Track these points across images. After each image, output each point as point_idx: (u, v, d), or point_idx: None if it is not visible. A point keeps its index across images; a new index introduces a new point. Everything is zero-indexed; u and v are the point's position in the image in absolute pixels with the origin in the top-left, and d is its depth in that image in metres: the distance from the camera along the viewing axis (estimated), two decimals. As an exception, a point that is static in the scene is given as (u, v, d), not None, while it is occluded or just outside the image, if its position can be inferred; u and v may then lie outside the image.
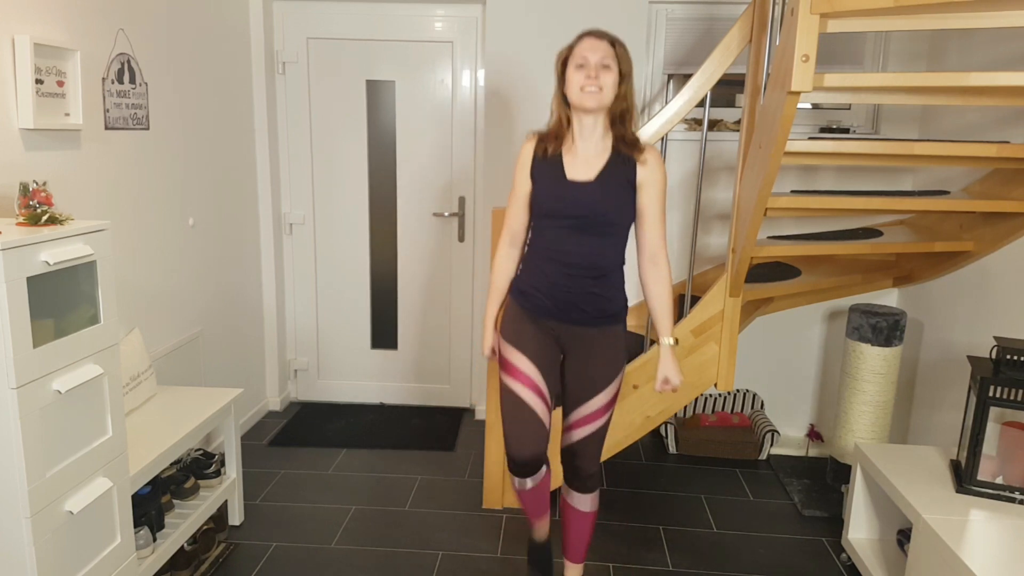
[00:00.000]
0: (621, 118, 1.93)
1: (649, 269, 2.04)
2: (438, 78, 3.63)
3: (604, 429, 2.10)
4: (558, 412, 2.21)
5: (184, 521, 2.34)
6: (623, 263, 2.05)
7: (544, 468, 2.16)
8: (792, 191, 2.99)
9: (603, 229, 1.95)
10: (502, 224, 2.14)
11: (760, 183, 2.22)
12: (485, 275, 3.54)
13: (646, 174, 1.95)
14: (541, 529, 2.32)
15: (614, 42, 1.91)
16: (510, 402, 2.05)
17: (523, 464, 2.08)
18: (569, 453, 2.13)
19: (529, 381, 2.03)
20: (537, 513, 2.27)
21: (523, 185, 2.03)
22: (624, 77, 1.90)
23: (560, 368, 2.11)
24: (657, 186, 1.96)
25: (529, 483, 2.14)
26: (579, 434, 2.08)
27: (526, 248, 2.10)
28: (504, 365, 2.08)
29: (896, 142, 2.36)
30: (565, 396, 2.12)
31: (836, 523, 2.87)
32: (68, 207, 2.25)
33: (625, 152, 1.94)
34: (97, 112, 2.38)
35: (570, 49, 1.93)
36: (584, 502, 2.18)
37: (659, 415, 2.79)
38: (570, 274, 1.97)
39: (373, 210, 3.80)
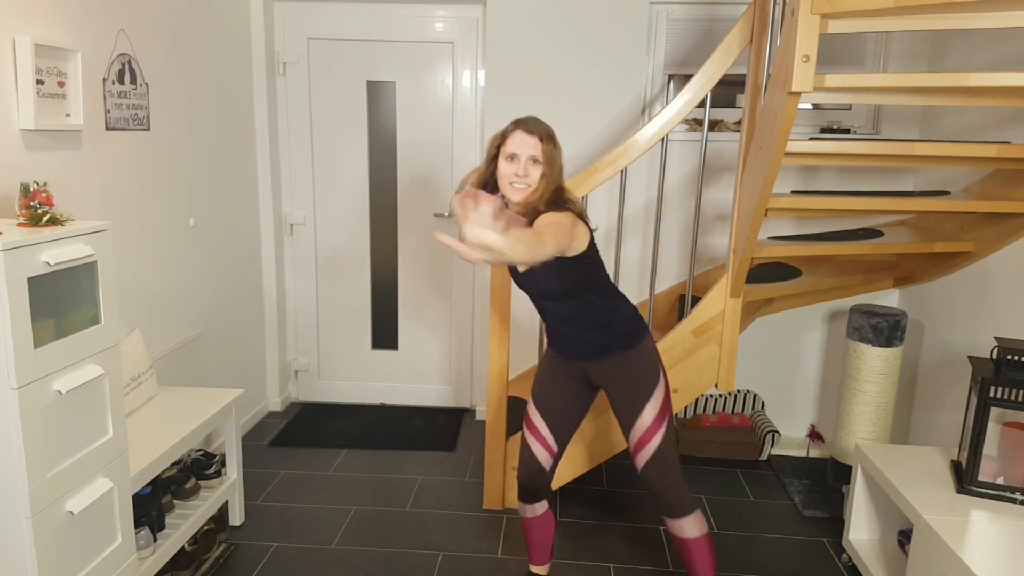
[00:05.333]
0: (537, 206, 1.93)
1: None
2: (439, 78, 3.63)
3: (664, 448, 2.07)
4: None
5: (185, 522, 2.34)
6: (608, 300, 2.06)
7: (542, 504, 2.28)
8: (793, 191, 2.99)
9: (570, 298, 2.01)
10: None
11: (761, 183, 2.22)
12: (486, 275, 3.54)
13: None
14: (537, 568, 2.41)
15: (543, 138, 1.92)
16: (524, 442, 2.23)
17: (522, 486, 2.24)
18: (645, 483, 2.12)
19: (542, 439, 2.20)
20: (534, 552, 2.38)
21: None
22: (547, 176, 1.91)
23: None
24: (543, 222, 1.86)
25: (528, 511, 2.29)
26: (642, 458, 2.07)
27: None
28: (526, 418, 2.23)
29: (897, 142, 2.36)
30: (621, 424, 2.13)
31: (837, 523, 2.87)
32: (69, 208, 2.25)
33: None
34: (98, 112, 2.39)
35: (503, 137, 1.96)
36: (683, 528, 2.12)
37: (660, 415, 2.79)
38: (567, 330, 2.09)
39: (374, 211, 3.80)
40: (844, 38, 3.30)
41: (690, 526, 2.12)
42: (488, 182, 2.01)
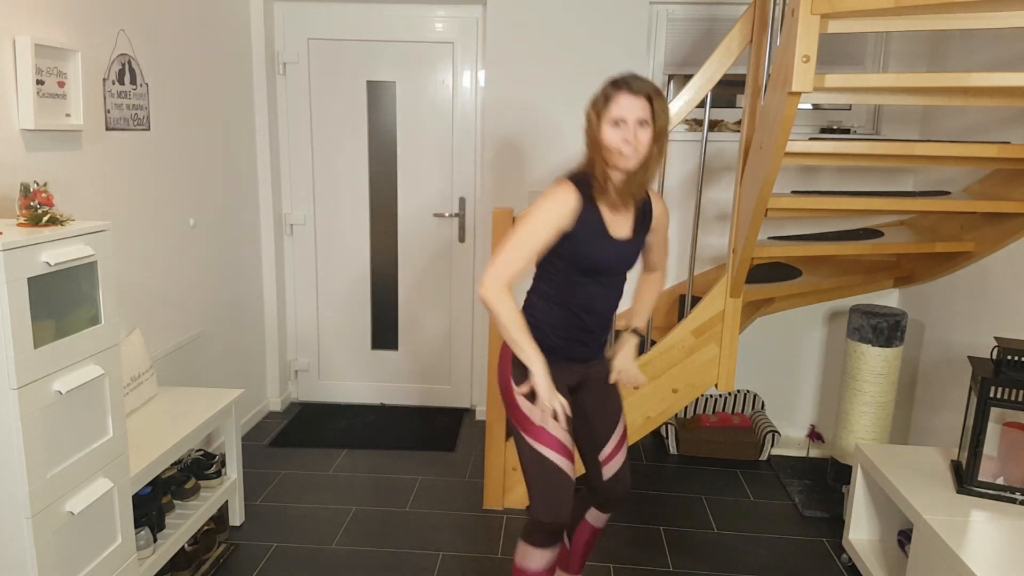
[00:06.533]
0: (647, 170, 1.82)
1: (647, 275, 2.14)
2: (439, 79, 3.63)
3: (627, 451, 2.10)
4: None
5: (185, 522, 2.34)
6: None
7: (554, 548, 1.99)
8: (793, 191, 2.99)
9: (622, 279, 1.97)
10: (503, 225, 2.12)
11: (761, 183, 2.22)
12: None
13: (659, 217, 1.98)
14: None
15: (651, 96, 1.76)
16: (543, 467, 1.87)
17: (556, 528, 1.91)
18: (608, 487, 2.05)
19: (561, 447, 1.89)
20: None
21: (551, 235, 1.80)
22: (660, 134, 1.78)
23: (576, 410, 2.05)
24: (666, 225, 2.03)
25: (549, 555, 1.97)
26: (613, 467, 2.03)
27: (543, 300, 1.93)
28: (531, 431, 1.89)
29: (897, 143, 2.36)
30: (592, 435, 2.02)
31: (837, 524, 2.87)
32: (69, 208, 2.25)
33: (641, 200, 1.91)
34: (98, 113, 2.39)
35: (606, 99, 1.78)
36: (604, 519, 2.15)
37: (659, 416, 2.79)
38: (597, 322, 1.94)
39: (374, 211, 3.80)
40: (844, 38, 3.30)
41: (604, 518, 2.15)
42: (602, 169, 1.81)
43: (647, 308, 2.14)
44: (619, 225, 1.89)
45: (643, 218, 1.93)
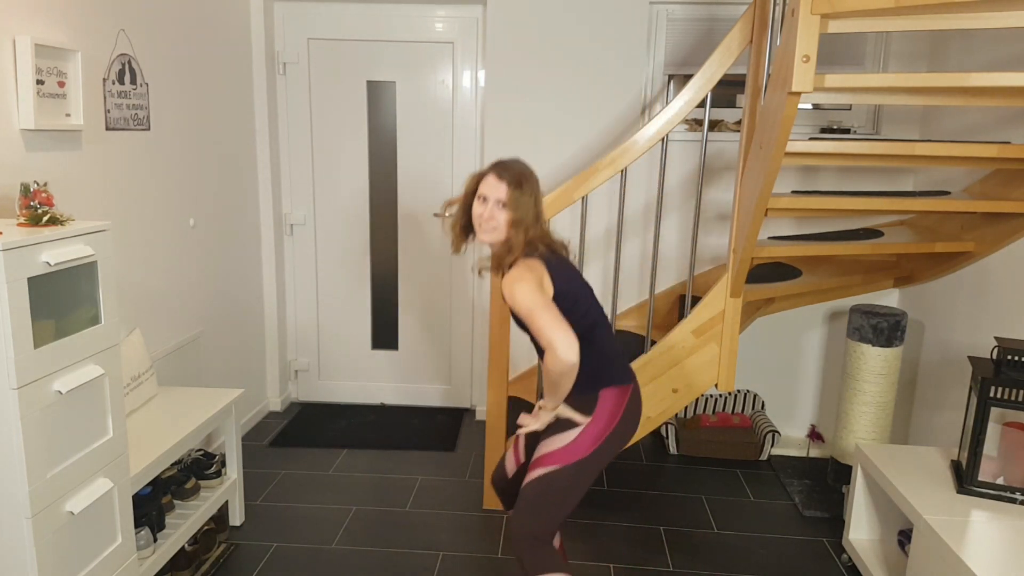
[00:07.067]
0: (508, 250, 1.90)
1: None
2: (439, 79, 3.63)
3: (546, 485, 1.88)
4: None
5: (185, 522, 2.34)
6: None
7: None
8: (793, 191, 2.99)
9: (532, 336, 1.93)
10: None
11: (761, 183, 2.22)
12: (485, 276, 3.54)
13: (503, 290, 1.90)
14: None
15: (511, 184, 1.87)
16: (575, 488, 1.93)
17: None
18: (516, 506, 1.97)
19: (516, 447, 2.16)
20: None
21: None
22: (514, 222, 1.86)
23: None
24: (512, 301, 1.84)
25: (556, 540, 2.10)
26: (528, 476, 1.93)
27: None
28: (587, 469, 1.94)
29: (897, 142, 2.36)
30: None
31: (837, 524, 2.87)
32: (69, 208, 2.25)
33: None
34: (98, 113, 2.39)
35: (479, 177, 1.95)
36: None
37: (659, 416, 2.79)
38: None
39: (374, 211, 3.80)
40: (844, 38, 3.30)
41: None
42: (466, 216, 2.00)
43: (546, 387, 1.89)
44: None
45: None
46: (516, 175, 1.91)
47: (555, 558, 1.92)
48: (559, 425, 1.93)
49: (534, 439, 2.10)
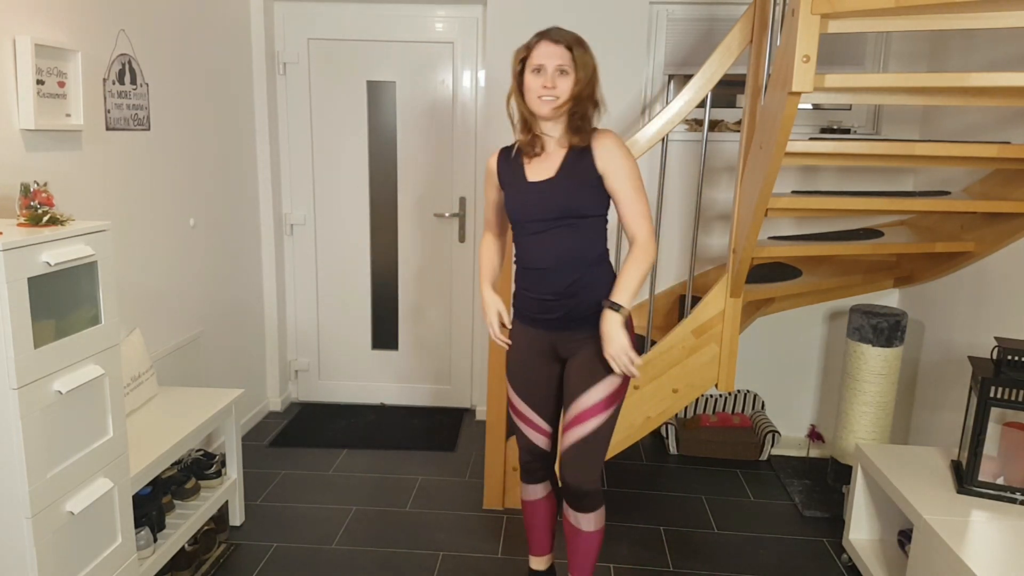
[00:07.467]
0: (581, 116, 1.89)
1: (631, 249, 1.96)
2: (439, 79, 3.63)
3: (598, 437, 1.95)
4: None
5: (185, 522, 2.34)
6: (604, 256, 2.00)
7: (545, 486, 2.24)
8: (793, 191, 2.99)
9: (573, 223, 1.92)
10: None
11: (761, 183, 2.22)
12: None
13: (603, 153, 1.89)
14: (537, 561, 2.35)
15: (572, 45, 1.85)
16: (518, 429, 2.18)
17: (524, 465, 2.21)
18: (562, 464, 2.02)
19: (532, 423, 2.14)
20: (534, 540, 2.33)
21: (493, 194, 2.11)
22: (580, 82, 1.85)
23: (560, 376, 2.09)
24: (618, 167, 1.89)
25: (530, 493, 2.25)
26: (573, 436, 1.96)
27: (516, 262, 2.05)
28: (509, 400, 2.17)
29: (897, 143, 2.36)
30: (565, 398, 2.04)
31: (837, 524, 2.87)
32: (69, 208, 2.25)
33: (579, 145, 1.90)
34: (98, 113, 2.39)
35: (528, 50, 1.89)
36: (581, 521, 2.06)
37: (659, 416, 2.79)
38: (553, 279, 1.94)
39: (374, 211, 3.80)
40: (844, 38, 3.30)
41: (593, 521, 2.07)
42: (528, 118, 1.93)
43: (623, 284, 1.89)
44: (541, 169, 1.92)
45: (577, 158, 1.90)
46: (572, 35, 1.87)
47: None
48: (592, 374, 1.95)
49: (547, 403, 2.11)
